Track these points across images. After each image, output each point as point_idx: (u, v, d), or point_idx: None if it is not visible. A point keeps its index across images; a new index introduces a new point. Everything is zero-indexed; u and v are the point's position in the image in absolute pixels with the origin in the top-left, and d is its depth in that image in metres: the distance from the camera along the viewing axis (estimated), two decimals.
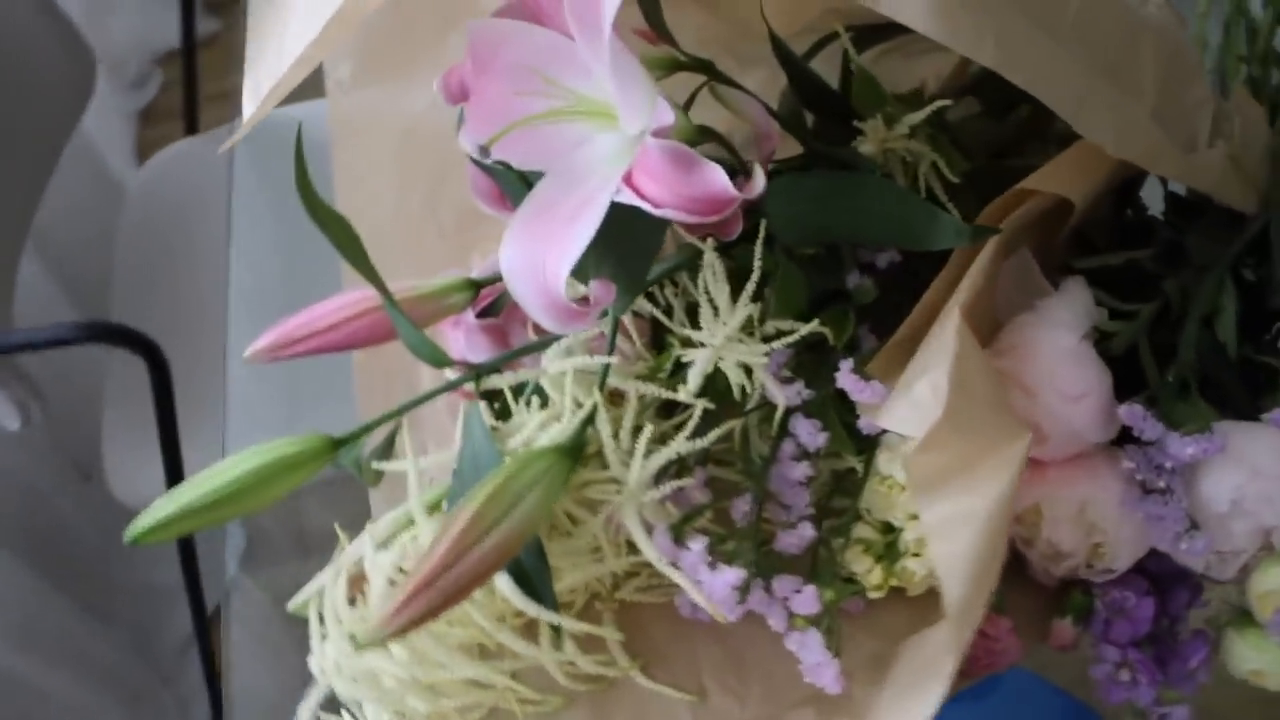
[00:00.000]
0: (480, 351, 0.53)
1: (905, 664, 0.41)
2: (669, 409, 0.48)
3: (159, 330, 0.79)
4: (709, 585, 0.42)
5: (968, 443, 0.39)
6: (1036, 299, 0.45)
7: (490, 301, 0.52)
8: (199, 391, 0.80)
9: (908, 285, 0.50)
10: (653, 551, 0.43)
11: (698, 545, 0.43)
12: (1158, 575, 0.46)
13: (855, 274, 0.49)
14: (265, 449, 0.45)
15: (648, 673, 0.47)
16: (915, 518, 0.45)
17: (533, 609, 0.42)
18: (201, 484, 0.44)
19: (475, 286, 0.51)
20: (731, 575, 0.42)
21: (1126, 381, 0.45)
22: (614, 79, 0.39)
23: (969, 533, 0.38)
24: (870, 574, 0.46)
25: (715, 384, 0.47)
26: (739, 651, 0.48)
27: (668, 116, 0.38)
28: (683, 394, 0.45)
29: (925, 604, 0.47)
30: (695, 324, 0.48)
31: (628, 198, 0.38)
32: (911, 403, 0.40)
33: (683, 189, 0.37)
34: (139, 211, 1.08)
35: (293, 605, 0.50)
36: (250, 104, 0.47)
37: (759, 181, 0.38)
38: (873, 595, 0.46)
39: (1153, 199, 0.54)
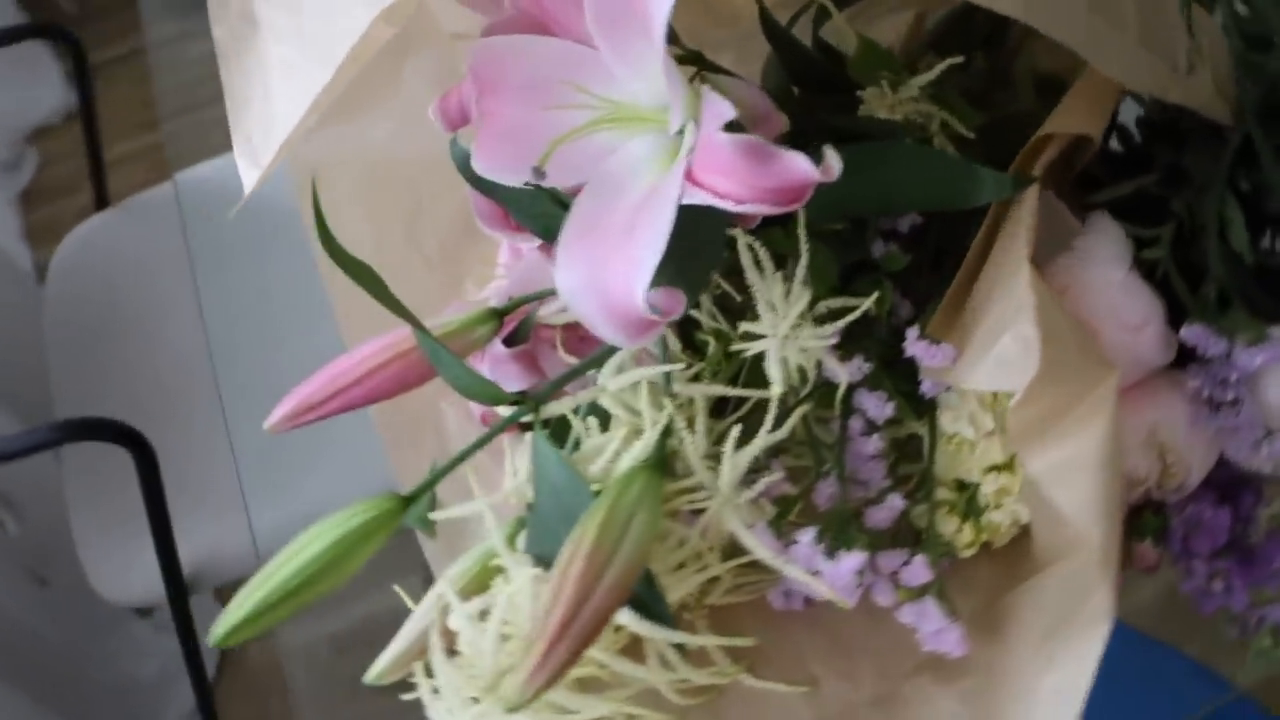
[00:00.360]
0: (511, 381, 0.51)
1: (1040, 613, 0.42)
2: (718, 409, 0.48)
3: (116, 416, 0.74)
4: (830, 574, 0.42)
5: (1062, 389, 0.40)
6: (1070, 239, 0.46)
7: (514, 329, 0.51)
8: (176, 474, 0.75)
9: (929, 247, 0.51)
10: (764, 550, 0.42)
11: (807, 536, 0.42)
12: (1223, 485, 0.48)
13: (880, 243, 0.50)
14: (336, 522, 0.42)
15: (754, 673, 0.47)
16: (992, 470, 0.46)
17: (657, 632, 0.41)
18: (279, 571, 0.41)
19: (499, 315, 0.49)
20: (853, 561, 0.42)
21: None
22: (667, 78, 0.38)
23: (1087, 475, 0.38)
24: (960, 534, 0.46)
25: (758, 373, 0.47)
26: (838, 634, 0.48)
27: (729, 110, 0.38)
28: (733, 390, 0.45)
29: (1009, 555, 0.48)
30: (728, 317, 0.48)
31: (702, 198, 0.37)
32: (998, 359, 0.41)
33: (761, 181, 0.37)
34: (62, 298, 1.00)
35: (371, 676, 0.48)
36: (247, 162, 0.44)
37: (834, 162, 0.38)
38: (964, 554, 0.47)
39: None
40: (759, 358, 0.48)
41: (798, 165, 0.37)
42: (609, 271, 0.40)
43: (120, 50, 1.67)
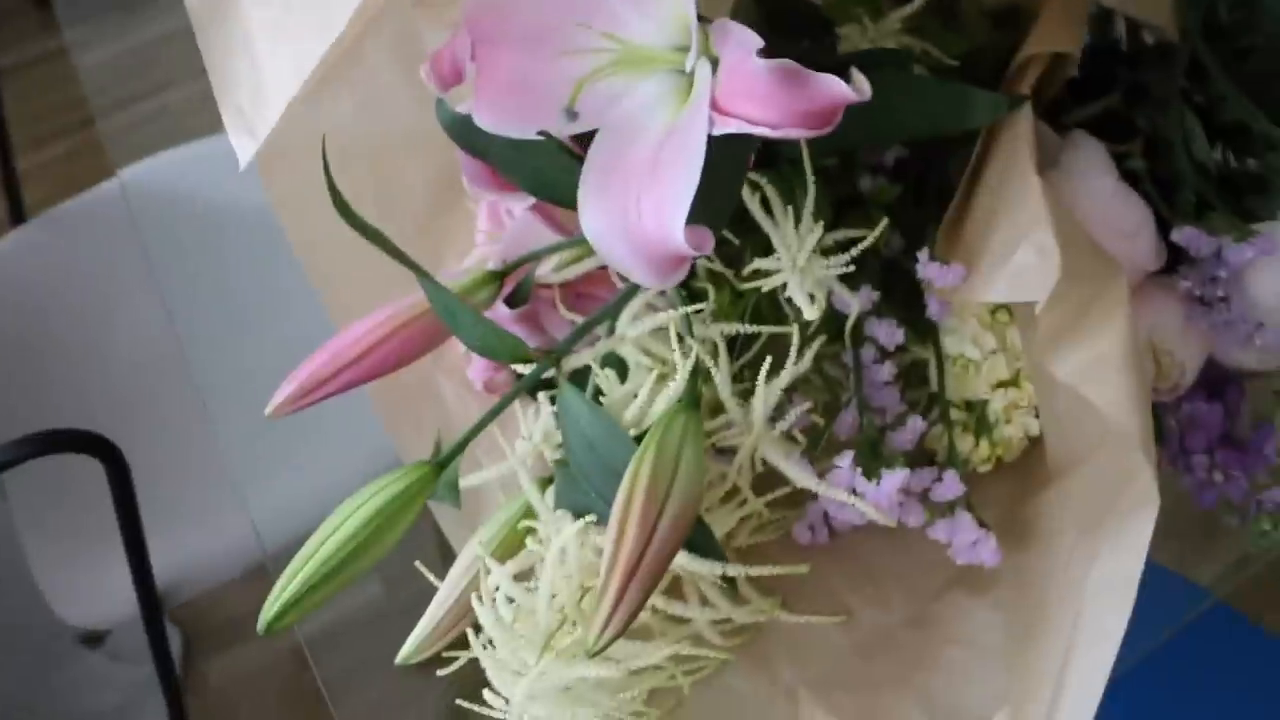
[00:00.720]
0: None
1: (1072, 512, 0.43)
2: (730, 348, 0.48)
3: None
4: (873, 495, 0.43)
5: (1079, 291, 0.42)
6: (1055, 156, 0.48)
7: (513, 291, 0.50)
8: (145, 489, 0.71)
9: (912, 179, 0.52)
10: (807, 478, 0.43)
11: (845, 460, 0.43)
12: (1211, 383, 0.51)
13: (868, 177, 0.51)
14: (371, 493, 0.42)
15: (790, 609, 0.47)
16: (1000, 386, 0.48)
17: (711, 568, 0.41)
18: (320, 549, 0.40)
19: (498, 277, 0.49)
20: (895, 479, 0.42)
21: None
22: (689, 12, 0.38)
23: (1116, 369, 0.40)
24: (976, 450, 0.48)
25: (762, 311, 0.48)
26: (866, 563, 0.49)
27: (755, 40, 0.38)
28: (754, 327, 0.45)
29: (1020, 469, 0.50)
30: (726, 259, 0.49)
31: (736, 127, 0.38)
32: (1015, 270, 0.42)
33: (798, 105, 0.37)
34: None
35: (402, 656, 0.47)
36: (241, 132, 0.43)
37: (863, 83, 0.39)
38: (982, 469, 0.48)
39: None
40: (763, 298, 0.49)
41: (832, 86, 0.37)
42: (641, 211, 0.40)
43: (12, 60, 1.59)
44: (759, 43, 0.38)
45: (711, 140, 0.39)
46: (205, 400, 0.58)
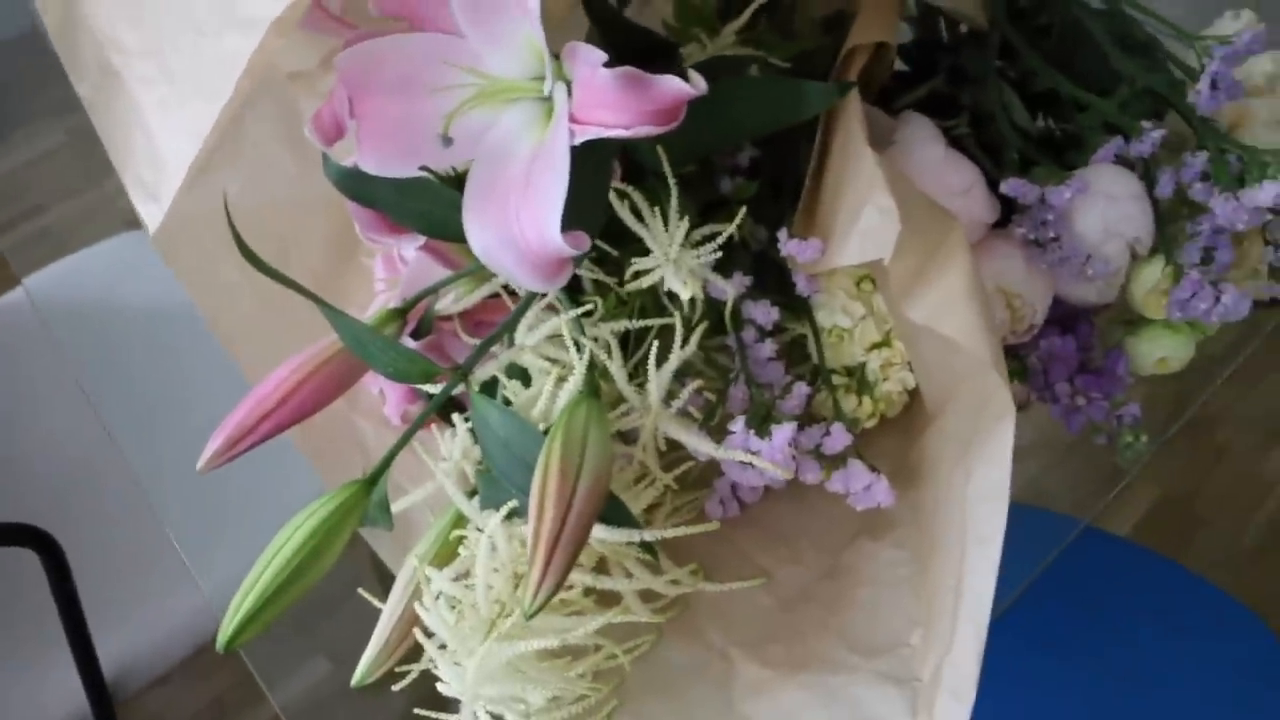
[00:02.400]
0: None
1: (949, 443, 0.49)
2: (624, 347, 0.54)
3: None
4: (767, 450, 0.48)
5: (919, 243, 0.48)
6: (889, 136, 0.55)
7: (417, 325, 0.55)
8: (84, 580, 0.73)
9: (767, 176, 0.58)
10: (705, 445, 0.48)
11: (739, 425, 0.49)
12: (1061, 320, 0.57)
13: (726, 179, 0.57)
14: (308, 515, 0.46)
15: (712, 579, 0.52)
16: (874, 347, 0.54)
17: (628, 536, 0.46)
18: (265, 571, 0.44)
19: (401, 314, 0.54)
20: (785, 432, 0.48)
21: None
22: (539, 41, 0.44)
23: (963, 302, 0.46)
24: (860, 408, 0.53)
25: (650, 310, 0.54)
26: (774, 528, 0.55)
27: (599, 54, 0.44)
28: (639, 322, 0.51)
29: (904, 421, 0.56)
30: (605, 269, 0.54)
31: (593, 133, 0.44)
32: (863, 232, 0.48)
33: (644, 105, 0.43)
34: None
35: (357, 678, 0.51)
36: (145, 201, 0.48)
37: (699, 79, 0.45)
38: (868, 424, 0.54)
39: None
40: (647, 301, 0.54)
41: (671, 84, 0.43)
42: (520, 224, 0.45)
43: None
44: (604, 57, 0.44)
45: (574, 150, 0.45)
46: (138, 485, 0.62)
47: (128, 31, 0.49)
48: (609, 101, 0.44)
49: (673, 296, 0.51)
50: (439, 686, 0.46)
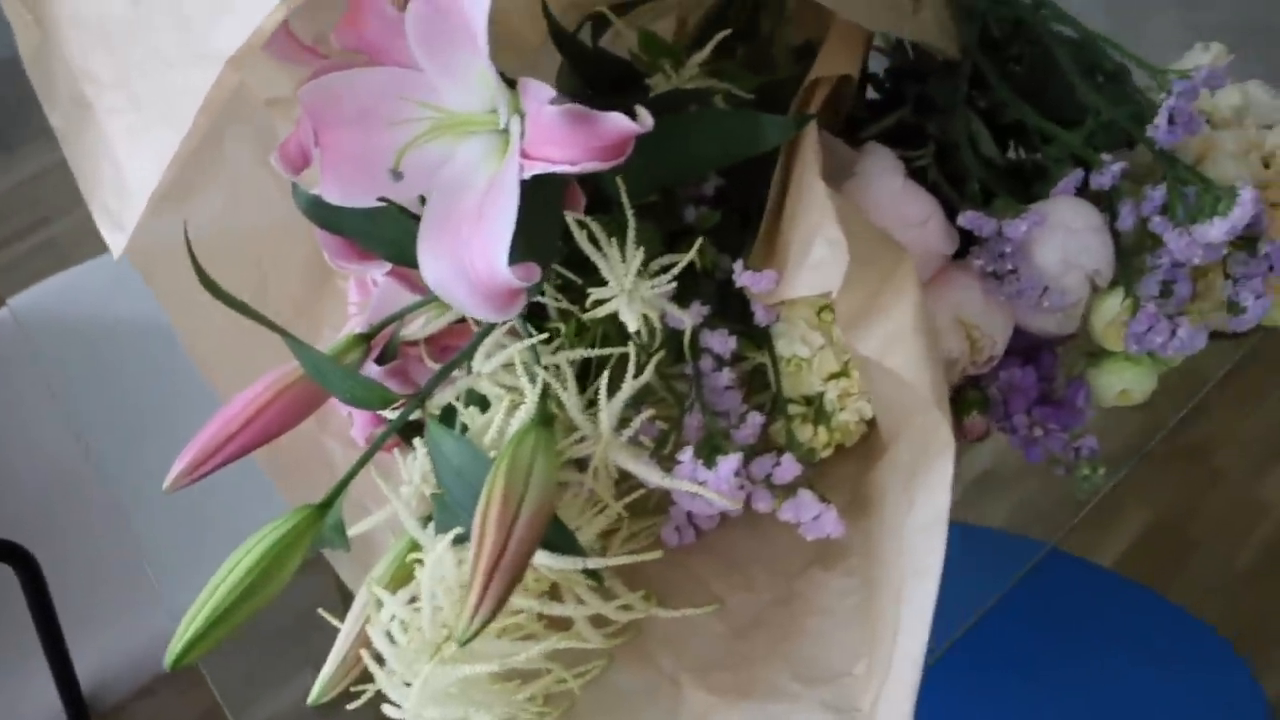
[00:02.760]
0: None
1: (897, 474, 0.50)
2: (582, 380, 0.55)
3: None
4: (713, 481, 0.49)
5: (869, 275, 0.49)
6: (851, 168, 0.56)
7: (382, 350, 0.57)
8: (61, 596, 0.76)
9: (733, 206, 0.60)
10: (652, 474, 0.49)
11: (686, 454, 0.50)
12: (1024, 351, 0.58)
13: (690, 209, 0.58)
14: (261, 537, 0.48)
15: (666, 606, 0.53)
16: (832, 377, 0.55)
17: (572, 563, 0.47)
18: (219, 589, 0.46)
19: (366, 339, 0.56)
20: (731, 462, 0.49)
21: None
22: (493, 79, 0.46)
23: (909, 337, 0.47)
24: (816, 437, 0.54)
25: (614, 331, 0.55)
26: (729, 555, 0.55)
27: (548, 91, 0.45)
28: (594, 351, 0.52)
29: (860, 451, 0.57)
30: (569, 298, 0.55)
31: (541, 168, 0.45)
32: (813, 265, 0.49)
33: (590, 141, 0.44)
34: None
35: (313, 697, 0.52)
36: (106, 224, 0.49)
37: (646, 115, 0.46)
38: (824, 454, 0.55)
39: None
40: (609, 328, 0.56)
41: (616, 121, 0.44)
42: (471, 255, 0.47)
43: None
44: (551, 93, 0.45)
45: (526, 184, 0.46)
46: (116, 502, 0.64)
47: (100, 62, 0.50)
48: (556, 138, 0.45)
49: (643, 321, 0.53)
50: (384, 709, 0.48)
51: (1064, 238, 0.54)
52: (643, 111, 0.46)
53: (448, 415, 0.54)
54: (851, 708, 0.48)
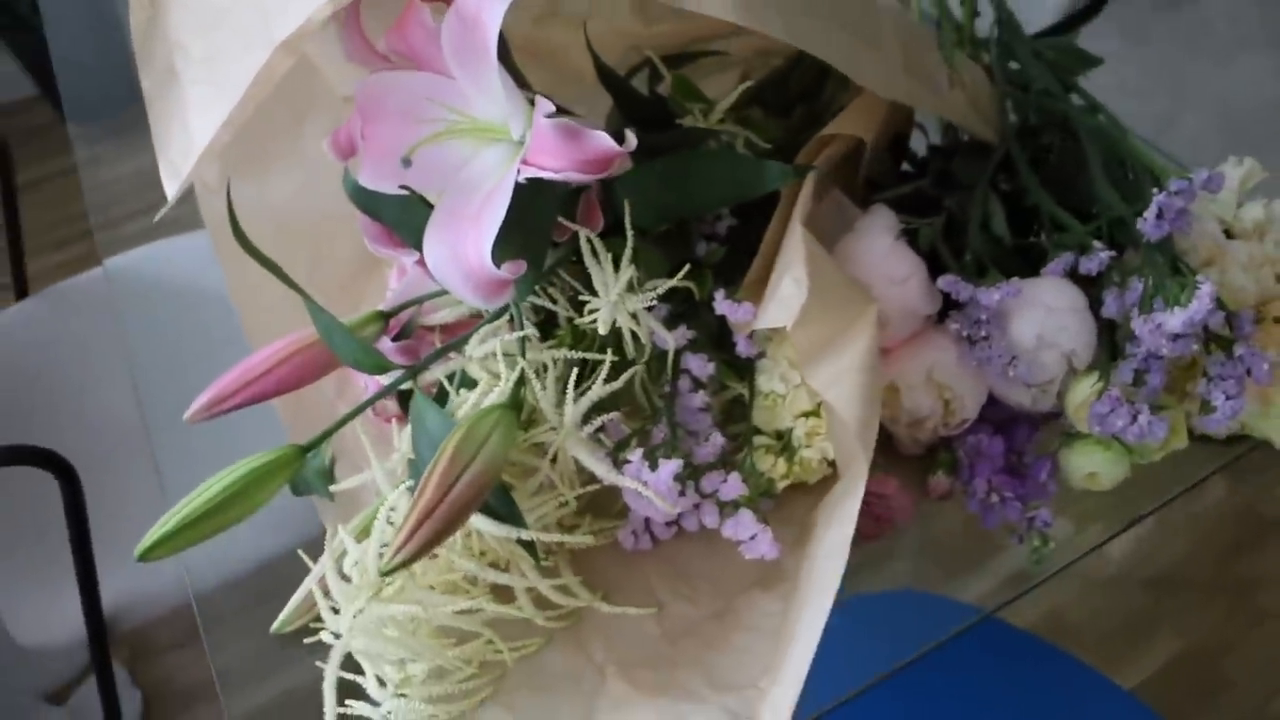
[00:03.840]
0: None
1: (831, 502, 0.54)
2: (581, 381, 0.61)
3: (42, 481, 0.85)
4: (654, 482, 0.54)
5: (831, 317, 0.54)
6: (853, 221, 0.61)
7: (400, 329, 0.64)
8: (98, 518, 0.85)
9: (744, 244, 0.65)
10: (600, 468, 0.54)
11: (636, 455, 0.55)
12: (999, 421, 0.61)
13: (702, 244, 0.64)
14: (245, 463, 0.54)
15: (608, 600, 0.58)
16: (802, 416, 0.59)
17: (510, 532, 0.53)
18: (194, 500, 0.53)
19: (385, 317, 0.63)
20: (670, 466, 0.54)
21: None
22: (503, 91, 0.53)
23: (853, 374, 0.52)
24: (775, 468, 0.59)
25: (611, 342, 0.61)
26: (682, 566, 0.60)
27: (549, 106, 0.52)
28: (574, 353, 0.58)
29: (821, 489, 0.61)
30: (577, 308, 0.62)
31: (531, 173, 0.51)
32: (779, 300, 0.54)
33: (575, 154, 0.51)
34: None
35: (276, 625, 0.59)
36: (170, 179, 0.58)
37: (631, 139, 0.52)
38: (781, 485, 0.59)
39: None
40: (605, 338, 0.61)
41: (602, 140, 0.51)
42: (465, 247, 0.53)
43: (34, 174, 1.84)
44: (550, 108, 0.52)
45: (524, 191, 0.53)
46: (155, 450, 0.72)
47: (194, 39, 0.59)
48: (549, 148, 0.51)
49: (632, 337, 0.59)
50: (322, 635, 0.54)
51: (1043, 315, 0.57)
52: (629, 135, 0.52)
53: (441, 398, 0.60)
54: (749, 716, 0.52)
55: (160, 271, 0.93)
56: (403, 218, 0.63)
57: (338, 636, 0.53)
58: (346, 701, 0.55)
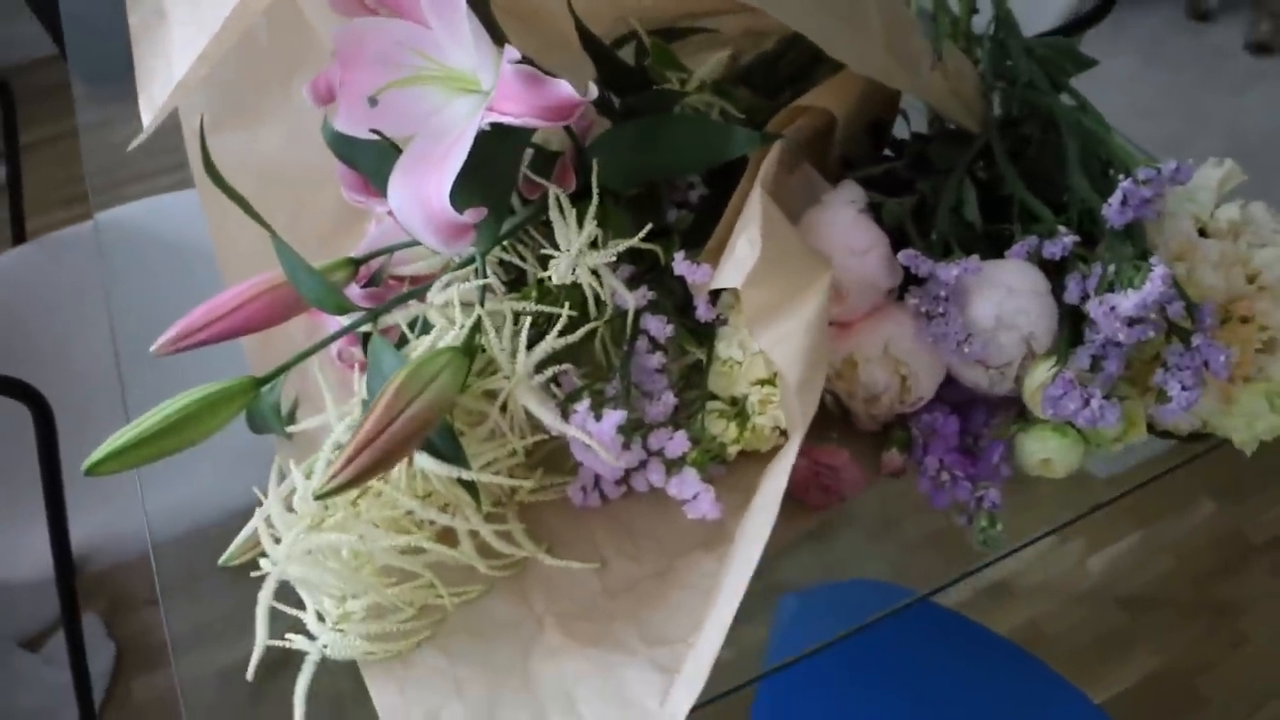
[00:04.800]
0: None
1: (767, 469, 0.55)
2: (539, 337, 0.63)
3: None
4: (597, 432, 0.56)
5: (783, 281, 0.55)
6: (821, 194, 0.62)
7: (371, 276, 0.66)
8: (72, 459, 0.88)
9: (715, 214, 0.67)
10: (547, 415, 0.56)
11: (583, 405, 0.56)
12: (957, 402, 0.62)
13: (672, 210, 0.66)
14: (200, 390, 0.56)
15: (553, 554, 0.60)
16: (757, 384, 0.60)
17: (450, 470, 0.54)
18: (147, 420, 0.55)
19: (355, 264, 0.65)
20: (614, 417, 0.56)
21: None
22: (473, 41, 0.55)
23: (798, 335, 0.53)
24: (727, 431, 0.60)
25: (573, 302, 0.62)
26: (628, 524, 0.62)
27: (514, 53, 0.54)
28: (533, 307, 0.60)
29: (768, 459, 0.62)
30: (543, 264, 0.63)
31: (494, 118, 0.53)
32: (735, 260, 0.56)
33: (536, 100, 0.53)
34: None
35: (224, 558, 0.61)
36: (148, 111, 0.60)
37: (593, 89, 0.54)
38: (731, 450, 0.60)
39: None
40: (573, 295, 0.63)
41: (562, 88, 0.53)
42: (427, 190, 0.55)
43: (48, 132, 1.90)
44: (515, 55, 0.54)
45: (489, 141, 0.55)
46: (127, 396, 0.75)
47: None
48: (512, 94, 0.53)
49: (595, 296, 0.60)
50: (262, 563, 0.56)
51: (1003, 296, 0.58)
52: (592, 87, 0.54)
53: (403, 345, 0.62)
54: (675, 669, 0.53)
55: (151, 224, 0.97)
56: (378, 166, 0.64)
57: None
58: (287, 636, 0.57)
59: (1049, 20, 0.85)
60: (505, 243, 0.64)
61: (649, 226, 0.62)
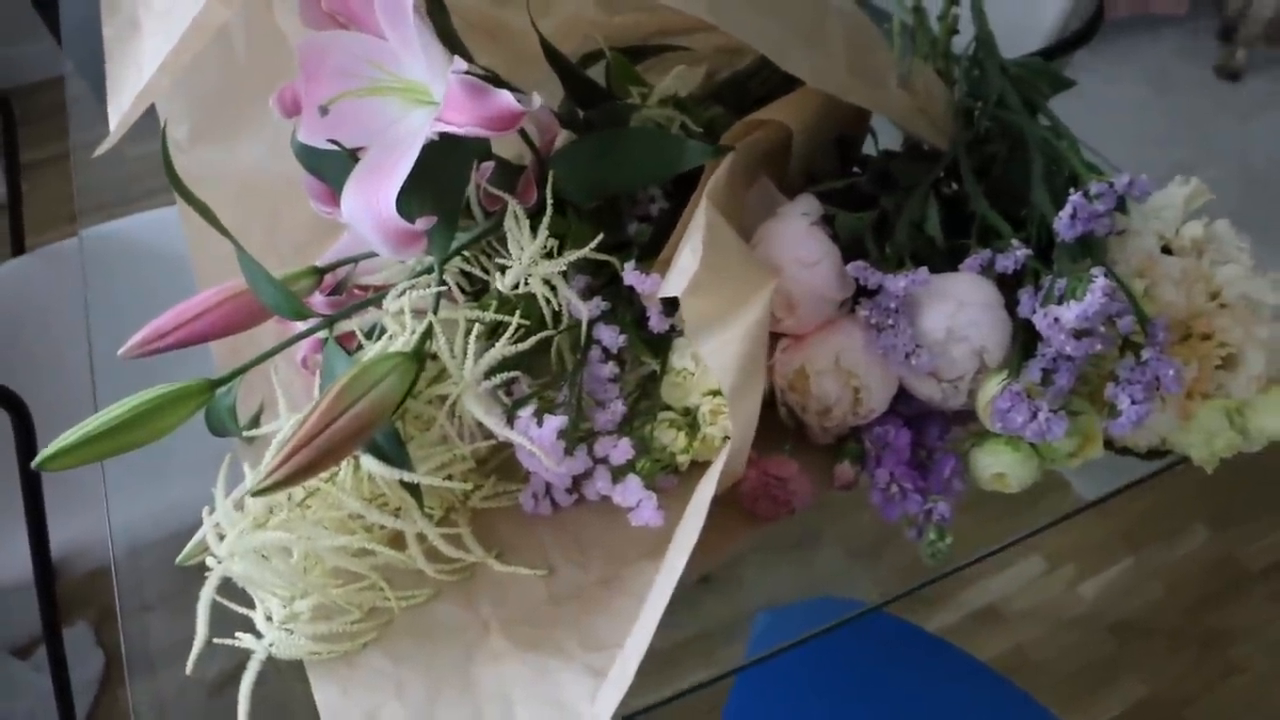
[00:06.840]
0: None
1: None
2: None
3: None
4: (539, 438, 0.58)
5: (726, 290, 0.57)
6: (776, 206, 0.65)
7: (335, 285, 0.69)
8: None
9: (673, 226, 0.69)
10: (492, 421, 0.59)
11: (526, 411, 0.59)
12: (910, 416, 0.64)
13: (633, 224, 0.68)
14: (155, 390, 0.60)
15: (502, 560, 0.62)
16: (709, 394, 0.63)
17: (393, 472, 0.57)
18: (100, 417, 0.58)
19: (319, 272, 0.68)
20: (554, 422, 0.58)
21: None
22: (423, 53, 0.58)
23: (736, 343, 0.55)
24: (676, 441, 0.62)
25: (530, 312, 0.65)
26: (577, 533, 0.64)
27: (460, 64, 0.57)
28: (485, 316, 0.63)
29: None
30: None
31: (440, 128, 0.56)
32: (678, 269, 0.58)
33: (479, 110, 0.56)
34: None
35: (181, 558, 0.64)
36: (115, 118, 0.64)
37: (535, 99, 0.57)
38: (683, 460, 0.63)
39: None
40: (530, 304, 0.66)
41: (505, 99, 0.56)
42: (378, 198, 0.58)
43: (55, 151, 1.97)
44: (462, 65, 0.57)
45: (440, 151, 0.58)
46: (99, 403, 0.79)
47: None
48: (457, 104, 0.56)
49: (550, 306, 0.63)
50: (208, 559, 0.59)
51: (954, 309, 0.60)
52: (535, 98, 0.57)
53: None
54: (605, 671, 0.55)
55: (136, 239, 1.01)
56: (342, 177, 0.68)
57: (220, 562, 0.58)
58: (236, 635, 0.60)
59: (1037, 41, 0.87)
60: (468, 254, 0.67)
61: (600, 237, 0.64)
